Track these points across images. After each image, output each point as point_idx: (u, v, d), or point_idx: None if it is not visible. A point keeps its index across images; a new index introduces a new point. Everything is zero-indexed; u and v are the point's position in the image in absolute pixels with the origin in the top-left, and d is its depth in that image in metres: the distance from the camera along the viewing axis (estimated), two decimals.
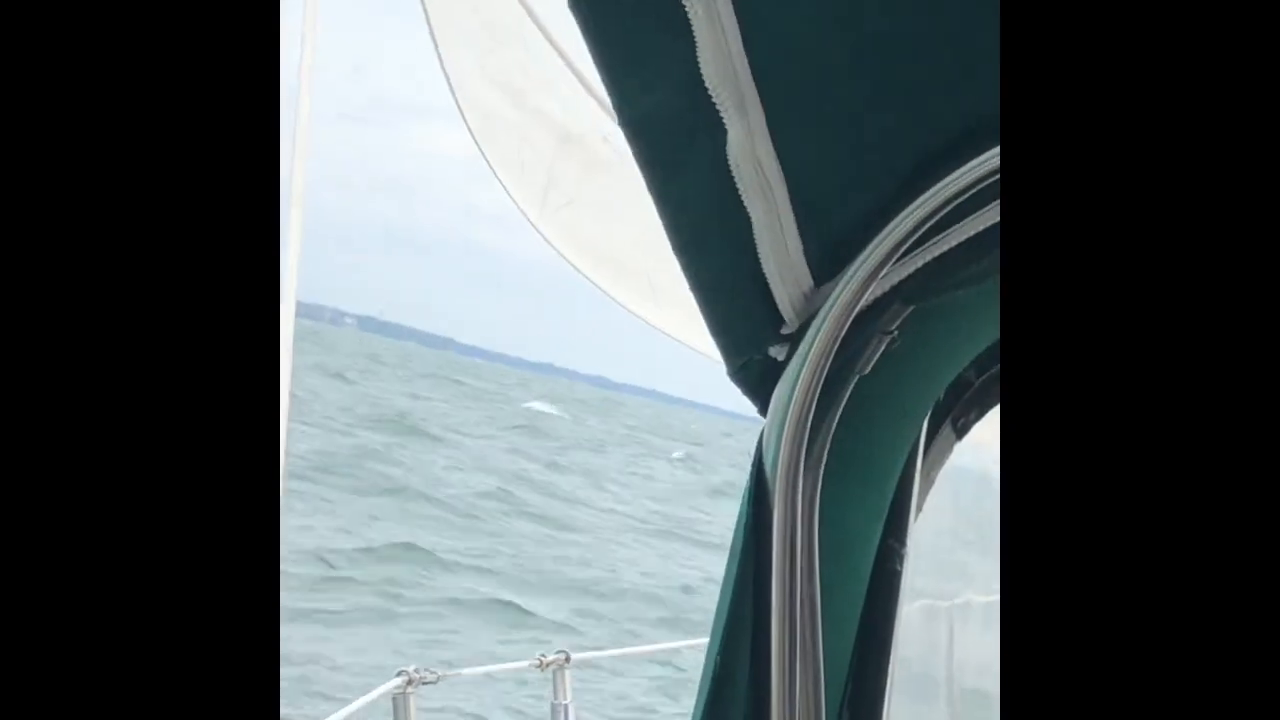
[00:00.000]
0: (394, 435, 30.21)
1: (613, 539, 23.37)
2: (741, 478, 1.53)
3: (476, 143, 3.10)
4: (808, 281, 1.42)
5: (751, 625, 1.48)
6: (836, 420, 1.48)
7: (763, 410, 1.52)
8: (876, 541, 1.58)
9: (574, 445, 43.09)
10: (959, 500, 1.81)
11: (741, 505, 1.50)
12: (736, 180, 1.28)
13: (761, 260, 1.37)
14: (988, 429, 1.69)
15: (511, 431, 42.14)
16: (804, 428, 1.45)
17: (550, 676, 4.02)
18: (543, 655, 4.06)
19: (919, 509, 1.65)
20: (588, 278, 3.34)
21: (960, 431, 1.68)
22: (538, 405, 62.81)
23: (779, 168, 1.29)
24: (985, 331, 1.56)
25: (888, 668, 1.60)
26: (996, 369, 1.63)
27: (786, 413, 1.45)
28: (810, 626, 1.48)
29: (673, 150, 1.25)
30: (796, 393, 1.44)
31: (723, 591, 1.50)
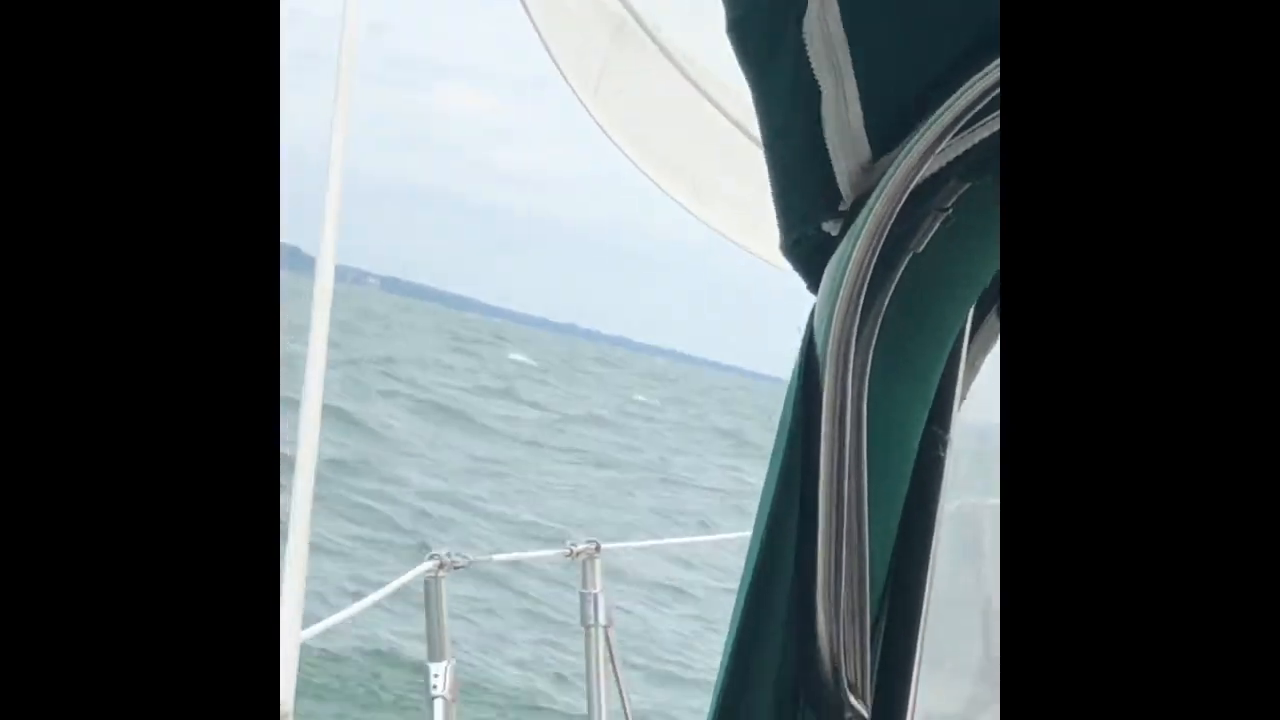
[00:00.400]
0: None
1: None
2: (685, 418, 1.55)
3: (537, 30, 3.14)
4: (866, 153, 1.42)
5: (799, 502, 1.49)
6: (889, 298, 1.48)
7: (814, 289, 1.52)
8: (922, 425, 1.58)
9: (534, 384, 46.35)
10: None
11: (791, 381, 1.50)
12: (810, 55, 1.34)
13: (825, 132, 1.39)
14: None
15: (479, 374, 45.26)
16: (856, 304, 1.44)
17: (580, 566, 3.94)
18: (572, 545, 3.99)
19: (963, 396, 1.65)
20: (639, 167, 3.39)
21: None
22: (520, 357, 66.83)
23: (845, 37, 1.33)
24: None
25: (930, 554, 1.60)
26: None
27: (839, 288, 1.44)
28: (856, 504, 1.48)
29: (766, 43, 1.36)
30: (850, 267, 1.43)
31: (770, 466, 1.50)
